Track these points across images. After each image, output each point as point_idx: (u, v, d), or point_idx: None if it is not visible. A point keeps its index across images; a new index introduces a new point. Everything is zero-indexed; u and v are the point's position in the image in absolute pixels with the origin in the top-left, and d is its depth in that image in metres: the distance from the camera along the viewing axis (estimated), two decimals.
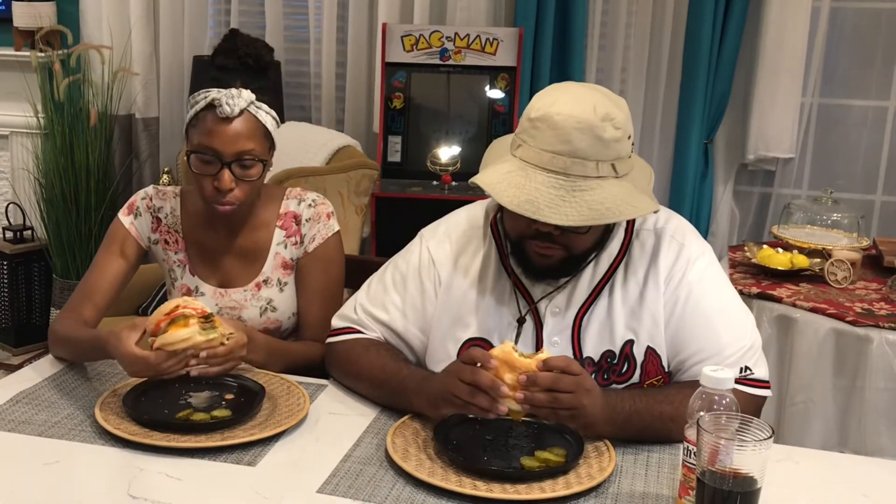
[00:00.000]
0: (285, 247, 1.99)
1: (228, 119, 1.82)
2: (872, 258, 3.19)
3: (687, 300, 1.62)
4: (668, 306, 1.63)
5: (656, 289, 1.63)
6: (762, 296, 2.83)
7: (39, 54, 3.89)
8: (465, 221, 1.78)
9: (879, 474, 1.56)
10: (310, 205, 1.99)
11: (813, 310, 2.73)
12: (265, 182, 2.11)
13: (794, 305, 2.76)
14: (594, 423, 1.52)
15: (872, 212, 3.91)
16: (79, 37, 4.07)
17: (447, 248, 1.75)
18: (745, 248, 3.18)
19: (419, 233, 1.81)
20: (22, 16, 4.03)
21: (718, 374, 1.32)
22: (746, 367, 1.59)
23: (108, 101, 3.90)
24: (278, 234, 1.99)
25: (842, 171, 3.94)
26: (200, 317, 1.63)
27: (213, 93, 1.84)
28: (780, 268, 2.98)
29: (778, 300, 2.80)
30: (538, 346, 1.67)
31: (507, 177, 1.54)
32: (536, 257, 1.61)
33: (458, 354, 1.68)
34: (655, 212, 1.58)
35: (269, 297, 1.98)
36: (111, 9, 4.03)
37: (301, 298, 2.01)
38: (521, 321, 1.67)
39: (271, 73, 1.87)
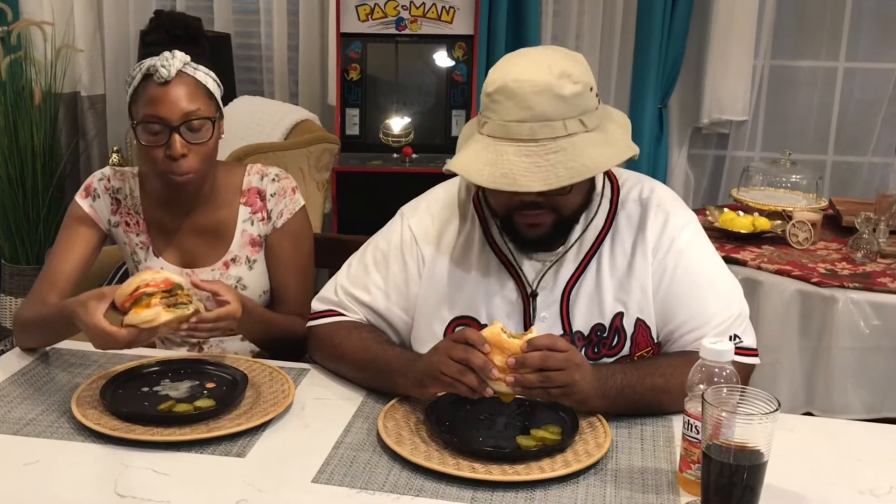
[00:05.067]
0: (252, 223, 1.95)
1: (167, 83, 1.78)
2: (830, 218, 3.23)
3: (675, 269, 1.62)
4: (657, 276, 1.62)
5: (644, 259, 1.62)
6: (727, 259, 2.82)
7: None
8: (445, 197, 1.75)
9: (871, 438, 1.58)
10: (273, 179, 1.96)
11: (778, 272, 2.76)
12: (224, 160, 2.06)
13: (759, 268, 2.79)
14: (587, 399, 1.50)
15: (824, 172, 3.96)
16: (18, 13, 3.93)
17: (429, 225, 1.72)
18: (707, 212, 3.20)
19: (399, 210, 1.78)
20: None
21: (718, 347, 1.31)
22: (736, 336, 1.59)
23: (51, 79, 3.77)
24: (243, 211, 1.95)
25: (794, 133, 3.99)
26: (164, 291, 1.58)
27: (147, 62, 1.81)
28: (742, 231, 3.00)
29: (743, 263, 2.82)
30: (527, 322, 1.65)
31: (477, 156, 1.51)
32: (526, 229, 1.59)
33: (445, 334, 1.66)
34: (635, 157, 1.54)
35: (238, 275, 1.94)
36: None
37: (275, 276, 1.98)
38: (532, 295, 1.65)
39: (202, 42, 1.86)
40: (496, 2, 3.67)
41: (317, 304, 1.79)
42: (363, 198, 3.28)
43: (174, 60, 1.79)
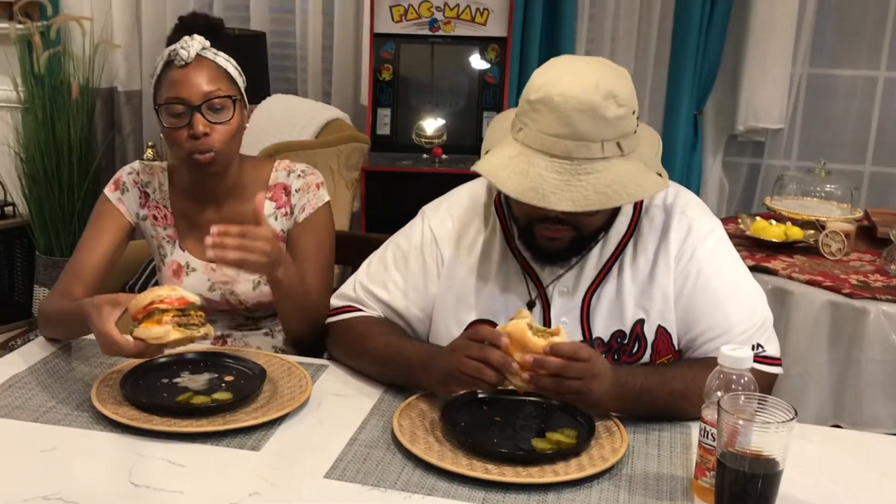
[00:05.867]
0: (276, 219, 1.95)
1: (187, 65, 1.81)
2: (865, 229, 3.18)
3: (698, 277, 1.59)
4: (679, 283, 1.60)
5: (667, 266, 1.60)
6: (757, 268, 2.81)
7: (18, 26, 3.80)
8: (467, 199, 1.73)
9: None
10: (299, 175, 1.96)
11: (809, 282, 2.72)
12: (254, 156, 2.07)
13: (790, 278, 2.75)
14: (600, 404, 1.50)
15: (862, 182, 3.90)
16: (58, 8, 3.97)
17: (449, 226, 1.71)
18: (739, 220, 3.16)
19: (421, 210, 1.77)
20: None
21: (737, 354, 1.29)
22: (758, 345, 1.57)
23: (89, 73, 3.82)
24: (269, 206, 1.95)
25: (831, 142, 3.92)
26: (178, 310, 1.57)
27: (168, 49, 1.84)
28: (774, 240, 2.97)
29: (773, 273, 2.79)
30: (546, 326, 1.63)
31: (509, 163, 1.49)
32: (544, 241, 1.57)
33: None
34: (665, 188, 1.54)
35: None
36: None
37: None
38: (531, 305, 1.64)
39: (223, 38, 1.89)
40: (531, 4, 3.65)
41: (335, 301, 1.79)
42: (392, 197, 3.28)
43: (193, 42, 1.82)
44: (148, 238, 2.01)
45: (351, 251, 2.11)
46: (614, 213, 1.61)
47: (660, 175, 1.53)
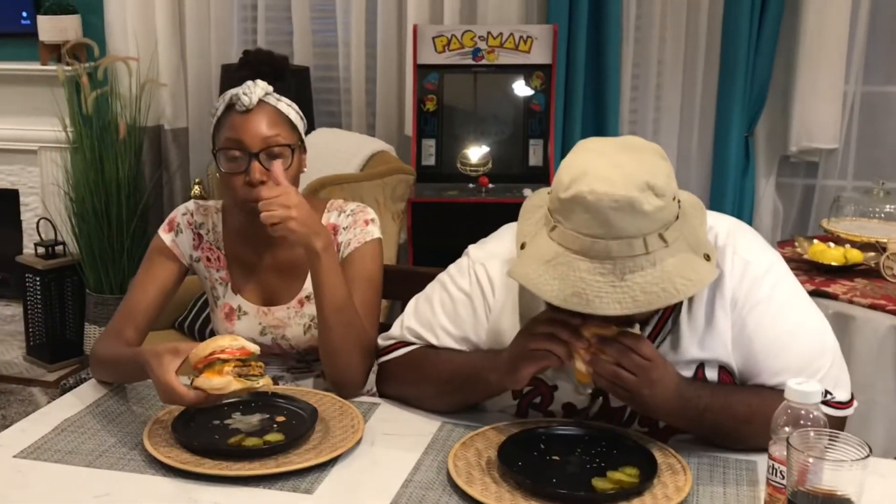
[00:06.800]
0: None
1: (248, 111, 1.79)
2: None
3: (758, 323, 1.50)
4: (737, 329, 1.51)
5: (724, 312, 1.51)
6: (817, 293, 2.74)
7: (66, 68, 3.86)
8: (510, 244, 1.62)
9: None
10: (349, 214, 1.92)
11: (871, 306, 2.64)
12: (304, 195, 2.04)
13: (851, 302, 2.67)
14: (652, 413, 1.49)
15: None
16: (105, 49, 4.03)
17: (495, 273, 1.64)
18: (796, 244, 3.09)
19: (466, 252, 1.71)
20: (47, 30, 4.00)
21: (804, 388, 1.24)
22: (828, 392, 1.50)
23: (136, 113, 3.86)
24: None
25: (888, 160, 3.83)
26: (238, 360, 1.55)
27: (230, 91, 1.82)
28: (833, 263, 2.89)
29: (834, 297, 2.71)
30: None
31: (547, 268, 1.41)
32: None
33: (513, 396, 1.64)
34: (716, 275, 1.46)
35: (312, 314, 1.90)
36: (137, 20, 3.99)
37: None
38: None
39: (288, 77, 1.86)
40: (575, 30, 3.63)
41: (382, 342, 1.77)
42: (439, 228, 3.26)
43: (256, 89, 1.80)
44: (201, 279, 1.99)
45: (399, 285, 2.07)
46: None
47: (707, 256, 1.45)
